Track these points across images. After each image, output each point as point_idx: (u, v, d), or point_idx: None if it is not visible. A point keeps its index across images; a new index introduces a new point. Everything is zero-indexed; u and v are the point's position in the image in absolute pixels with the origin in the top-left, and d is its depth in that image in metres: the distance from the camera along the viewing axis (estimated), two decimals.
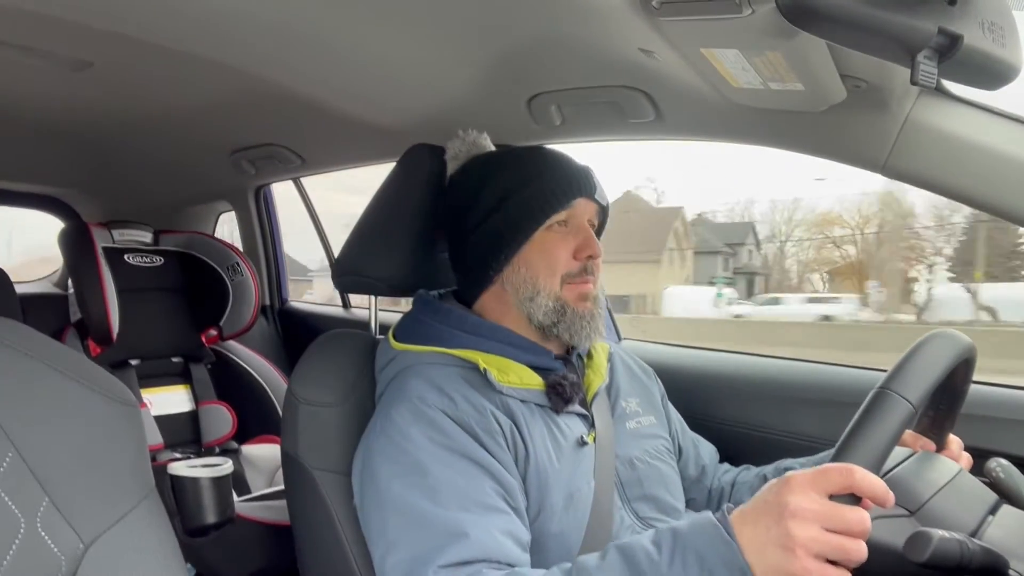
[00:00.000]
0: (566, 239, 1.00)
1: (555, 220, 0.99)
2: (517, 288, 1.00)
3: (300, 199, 2.35)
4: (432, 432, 0.88)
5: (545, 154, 1.05)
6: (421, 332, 1.02)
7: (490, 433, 0.89)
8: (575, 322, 0.98)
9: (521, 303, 0.99)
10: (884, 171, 1.02)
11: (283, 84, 1.28)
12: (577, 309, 0.99)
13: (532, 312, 0.99)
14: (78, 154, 2.04)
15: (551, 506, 0.91)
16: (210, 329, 2.10)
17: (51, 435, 0.68)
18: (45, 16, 1.03)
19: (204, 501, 1.36)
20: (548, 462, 0.92)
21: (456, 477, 0.85)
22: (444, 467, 0.85)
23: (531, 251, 0.99)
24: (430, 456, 0.86)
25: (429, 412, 0.89)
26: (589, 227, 1.02)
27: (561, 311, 0.98)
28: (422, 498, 0.83)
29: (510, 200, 0.99)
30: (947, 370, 0.77)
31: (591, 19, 0.91)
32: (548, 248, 0.99)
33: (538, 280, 0.98)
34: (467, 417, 0.89)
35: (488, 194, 1.01)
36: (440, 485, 0.84)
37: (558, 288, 0.99)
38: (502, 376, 0.94)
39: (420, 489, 0.84)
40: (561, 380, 0.96)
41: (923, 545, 0.66)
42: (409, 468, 0.86)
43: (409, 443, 0.87)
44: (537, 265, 0.99)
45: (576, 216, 1.01)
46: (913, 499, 0.79)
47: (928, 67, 0.64)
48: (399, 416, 0.90)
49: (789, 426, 1.38)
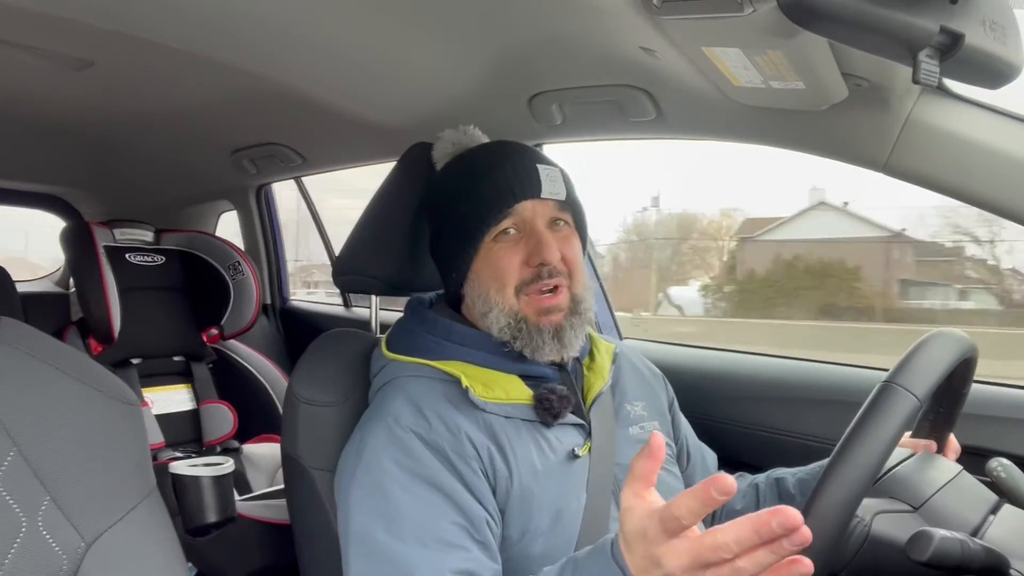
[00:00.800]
0: (516, 247, 0.93)
1: (499, 229, 0.93)
2: (475, 302, 0.96)
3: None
4: (401, 456, 0.85)
5: (490, 153, 1.00)
6: (410, 342, 0.99)
7: (463, 458, 0.85)
8: (534, 338, 0.92)
9: (480, 319, 0.95)
10: (886, 170, 1.02)
11: (284, 83, 1.28)
12: (539, 323, 0.92)
13: (490, 327, 0.93)
14: (80, 153, 2.04)
15: (535, 528, 0.87)
16: (211, 328, 2.11)
17: (52, 434, 0.68)
18: (46, 15, 1.03)
19: (205, 500, 1.36)
20: (533, 482, 0.88)
21: (418, 508, 0.82)
22: (408, 496, 0.82)
23: (480, 264, 0.95)
24: (395, 482, 0.83)
25: (401, 434, 0.86)
26: (544, 230, 0.94)
27: (517, 327, 0.92)
28: (381, 530, 0.81)
29: (456, 210, 0.95)
30: (950, 367, 0.78)
31: (592, 18, 0.91)
32: (494, 260, 0.93)
33: (489, 294, 0.93)
34: (440, 440, 0.86)
35: (444, 203, 0.99)
36: (400, 516, 0.82)
37: (514, 301, 0.93)
38: (487, 392, 0.90)
39: (382, 519, 0.82)
40: (548, 394, 0.91)
41: (924, 544, 0.67)
42: (374, 494, 0.84)
43: (377, 467, 0.85)
44: (487, 279, 0.94)
45: (524, 220, 0.94)
46: (916, 495, 0.79)
47: (930, 66, 0.64)
48: (372, 437, 0.88)
49: (790, 426, 1.38)
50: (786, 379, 1.45)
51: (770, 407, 1.42)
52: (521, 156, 0.98)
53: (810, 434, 1.34)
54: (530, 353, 0.93)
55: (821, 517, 0.68)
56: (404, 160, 1.16)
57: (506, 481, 0.87)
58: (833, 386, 1.38)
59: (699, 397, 1.45)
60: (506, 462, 0.88)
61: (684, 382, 1.36)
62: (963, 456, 0.97)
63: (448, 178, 1.02)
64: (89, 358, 0.79)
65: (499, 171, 0.95)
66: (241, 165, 1.95)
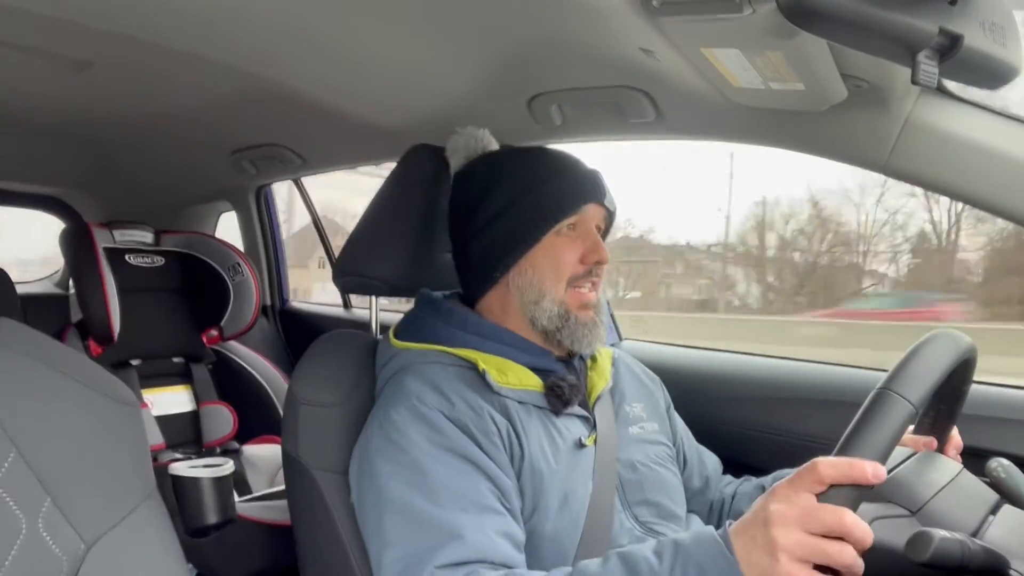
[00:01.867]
0: (574, 243, 1.00)
1: (564, 224, 0.99)
2: (522, 291, 1.00)
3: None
4: (430, 432, 0.88)
5: (556, 157, 1.05)
6: (422, 330, 1.02)
7: (486, 434, 0.89)
8: (577, 330, 0.99)
9: (525, 306, 1.00)
10: (885, 171, 1.02)
11: (284, 84, 1.28)
12: (580, 317, 0.99)
13: (536, 316, 0.99)
14: (79, 154, 2.04)
15: (545, 506, 0.91)
16: (211, 329, 2.10)
17: (53, 435, 0.68)
18: (45, 16, 1.03)
19: (205, 501, 1.36)
20: (544, 462, 0.92)
21: (454, 477, 0.85)
22: (442, 467, 0.86)
23: (539, 254, 0.99)
24: (428, 456, 0.87)
25: (427, 412, 0.89)
26: (596, 232, 1.02)
27: (565, 317, 0.98)
28: (420, 497, 0.84)
29: (521, 202, 0.99)
30: (948, 370, 0.77)
31: (591, 19, 0.91)
32: (556, 252, 0.99)
33: (544, 284, 0.99)
34: (464, 418, 0.89)
35: (498, 195, 1.01)
36: (438, 485, 0.84)
37: (563, 293, 0.99)
38: (501, 377, 0.94)
39: (418, 489, 0.85)
40: (559, 382, 0.96)
41: (924, 545, 0.66)
42: (407, 467, 0.87)
43: (408, 442, 0.88)
44: (544, 269, 0.99)
45: (585, 221, 1.01)
46: (914, 499, 0.79)
47: (929, 67, 0.64)
48: (397, 415, 0.90)
49: (791, 427, 1.38)
50: (787, 380, 1.45)
51: (771, 408, 1.42)
52: (583, 163, 1.05)
53: (813, 435, 1.34)
54: (571, 343, 0.99)
55: None
56: (405, 161, 1.16)
57: (520, 460, 0.91)
58: (835, 387, 1.38)
59: (700, 398, 1.44)
60: (520, 443, 0.92)
61: (684, 383, 1.36)
62: (963, 456, 0.96)
63: (499, 173, 1.04)
64: (89, 359, 0.79)
65: (573, 171, 1.02)
66: (241, 166, 1.95)
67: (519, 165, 1.04)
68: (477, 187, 1.04)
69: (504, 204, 1.00)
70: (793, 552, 0.64)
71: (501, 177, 1.03)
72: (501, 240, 1.00)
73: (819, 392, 1.38)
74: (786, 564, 0.64)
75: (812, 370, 1.47)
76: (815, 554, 0.63)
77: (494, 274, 1.01)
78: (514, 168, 1.03)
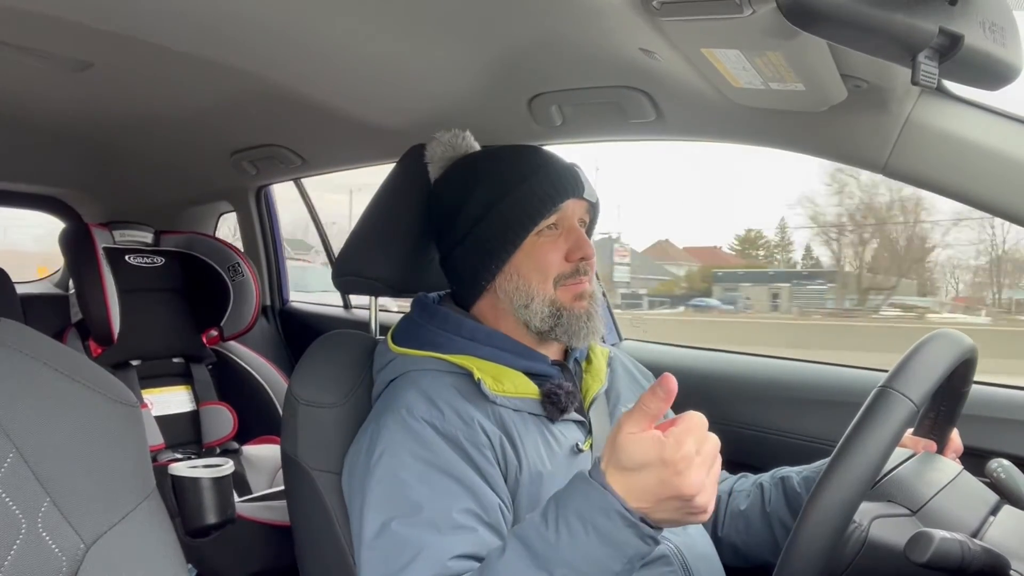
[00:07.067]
0: (557, 242, 0.99)
1: (544, 225, 0.98)
2: (511, 296, 0.99)
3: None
4: (416, 447, 0.88)
5: (529, 155, 1.03)
6: (418, 336, 1.01)
7: (477, 446, 0.89)
8: (572, 323, 0.98)
9: (516, 310, 0.99)
10: (885, 171, 1.02)
11: (284, 85, 1.28)
12: (573, 309, 0.98)
13: (528, 319, 0.98)
14: (79, 155, 2.04)
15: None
16: (211, 329, 2.10)
17: (52, 436, 0.68)
18: (45, 16, 1.03)
19: (205, 501, 1.36)
20: (541, 472, 0.91)
21: (434, 496, 0.85)
22: (424, 486, 0.86)
23: (522, 258, 0.98)
24: (411, 474, 0.87)
25: (416, 426, 0.89)
26: (580, 227, 1.01)
27: (557, 315, 0.98)
28: (396, 520, 0.84)
29: (496, 207, 0.98)
30: (948, 370, 0.77)
31: (592, 19, 0.91)
32: (539, 254, 0.98)
33: (531, 286, 0.98)
34: (454, 430, 0.89)
35: (473, 202, 1.00)
36: (417, 506, 0.84)
37: (552, 292, 0.98)
38: (496, 385, 0.94)
39: (397, 510, 0.85)
40: (556, 389, 0.95)
41: (924, 545, 0.66)
42: (390, 485, 0.87)
43: (393, 459, 0.88)
44: (529, 272, 0.98)
45: (566, 218, 1.00)
46: (914, 499, 0.79)
47: (929, 67, 0.64)
48: (386, 429, 0.91)
49: (790, 426, 1.38)
50: (787, 380, 1.45)
51: (771, 408, 1.42)
52: (559, 158, 1.04)
53: (812, 435, 1.34)
54: (568, 339, 0.99)
55: (818, 523, 0.68)
56: (404, 162, 1.16)
57: (516, 470, 0.91)
58: (835, 387, 1.38)
59: (699, 398, 1.43)
60: (516, 452, 0.91)
61: (683, 383, 1.36)
62: (963, 456, 0.96)
63: (472, 178, 1.03)
64: (89, 360, 0.79)
65: (548, 169, 1.01)
66: (241, 166, 1.95)
67: (493, 168, 1.03)
68: (453, 196, 1.03)
69: (481, 210, 0.99)
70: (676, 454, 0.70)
71: (476, 182, 1.02)
72: (482, 248, 0.99)
73: (819, 392, 1.38)
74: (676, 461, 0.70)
75: (812, 370, 1.47)
76: (684, 446, 0.71)
77: (481, 283, 1.01)
78: (489, 172, 1.02)
